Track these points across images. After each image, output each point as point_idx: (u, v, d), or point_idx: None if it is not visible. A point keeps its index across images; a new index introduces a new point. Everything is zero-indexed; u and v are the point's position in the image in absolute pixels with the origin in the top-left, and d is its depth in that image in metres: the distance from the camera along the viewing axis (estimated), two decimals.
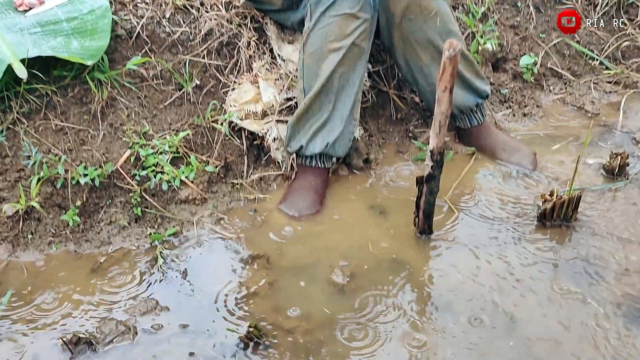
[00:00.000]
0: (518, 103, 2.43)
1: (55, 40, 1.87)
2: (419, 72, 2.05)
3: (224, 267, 1.71)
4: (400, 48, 2.02)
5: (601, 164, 2.09)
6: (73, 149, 1.85)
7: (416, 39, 1.98)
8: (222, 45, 2.13)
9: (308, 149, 1.94)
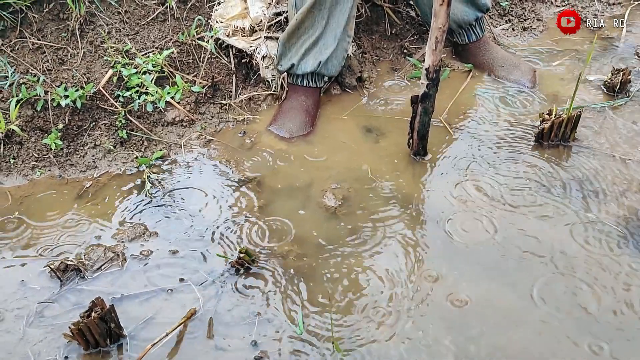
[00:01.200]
0: (518, 16, 2.33)
1: None
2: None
3: (213, 191, 1.67)
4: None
5: (602, 80, 2.02)
6: (52, 69, 1.76)
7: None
8: None
9: (299, 67, 1.86)
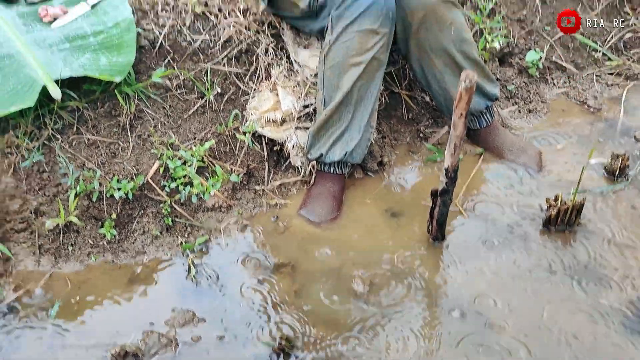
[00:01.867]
0: (524, 99, 2.52)
1: (84, 56, 1.94)
2: (432, 77, 2.14)
3: (251, 276, 1.84)
4: (415, 55, 2.10)
5: (603, 163, 2.21)
6: (105, 162, 1.95)
7: (431, 47, 2.06)
8: (241, 52, 2.20)
9: (328, 157, 2.04)
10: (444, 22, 2.02)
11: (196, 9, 2.20)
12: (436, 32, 2.03)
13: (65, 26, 2.05)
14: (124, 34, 1.99)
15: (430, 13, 1.99)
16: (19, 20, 2.06)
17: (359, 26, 1.90)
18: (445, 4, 2.00)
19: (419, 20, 2.00)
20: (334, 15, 1.93)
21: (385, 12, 1.90)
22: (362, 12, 1.88)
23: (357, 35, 1.91)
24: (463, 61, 2.09)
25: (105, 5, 2.10)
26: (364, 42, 1.92)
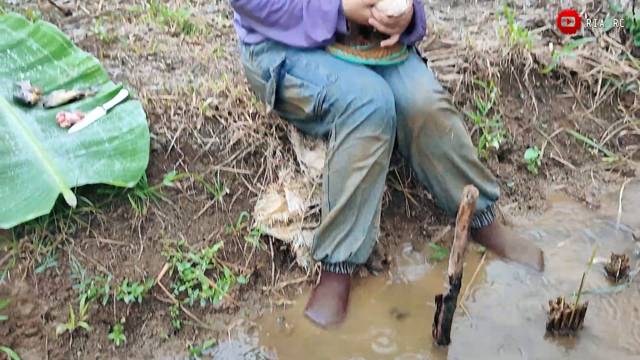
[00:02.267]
0: (523, 195, 2.59)
1: (99, 162, 2.01)
2: (434, 180, 2.20)
3: None
4: (417, 159, 2.18)
5: (603, 263, 2.25)
6: (116, 265, 1.99)
7: (432, 152, 2.14)
8: (250, 154, 2.28)
9: (333, 257, 2.09)
10: (443, 129, 2.10)
11: (207, 113, 2.29)
12: (436, 139, 2.11)
13: (81, 131, 2.13)
14: (138, 139, 2.07)
15: (429, 120, 2.08)
16: (38, 125, 2.15)
17: (361, 133, 1.98)
18: (444, 111, 2.10)
19: (419, 127, 2.09)
20: (338, 123, 2.01)
21: (387, 119, 1.98)
22: (364, 120, 1.96)
23: (359, 141, 1.99)
24: (463, 164, 2.16)
25: (120, 111, 2.20)
26: (367, 148, 1.99)
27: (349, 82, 1.99)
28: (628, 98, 2.94)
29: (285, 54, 2.11)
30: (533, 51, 2.81)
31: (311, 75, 2.05)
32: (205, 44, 2.94)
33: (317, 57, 2.08)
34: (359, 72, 2.03)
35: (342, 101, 1.98)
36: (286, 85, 2.12)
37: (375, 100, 1.95)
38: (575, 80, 2.88)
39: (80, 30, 3.05)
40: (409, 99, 2.06)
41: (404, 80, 2.10)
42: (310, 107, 2.07)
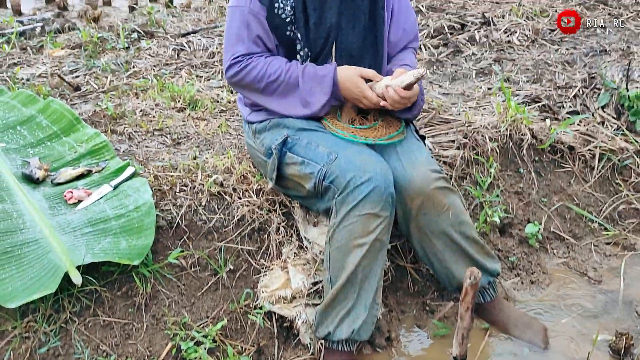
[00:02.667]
0: (525, 270, 2.60)
1: (105, 240, 2.04)
2: (433, 257, 2.22)
3: None
4: (416, 236, 2.20)
5: (607, 340, 2.24)
6: (119, 344, 1.98)
7: (431, 230, 2.16)
8: (254, 230, 2.30)
9: (335, 335, 2.08)
10: (441, 207, 2.13)
11: (212, 189, 2.33)
12: (434, 217, 2.14)
13: (88, 209, 2.17)
14: (145, 217, 2.10)
15: (427, 200, 2.12)
16: (45, 203, 2.19)
17: (360, 210, 2.01)
18: (442, 190, 2.13)
19: (418, 206, 2.12)
20: (338, 200, 2.04)
21: (386, 197, 2.02)
22: (363, 198, 2.00)
23: (359, 219, 2.01)
24: (462, 241, 2.18)
25: (127, 188, 2.24)
26: (367, 225, 2.02)
27: (348, 161, 2.04)
28: (626, 172, 2.98)
29: (287, 132, 2.17)
30: (531, 127, 2.88)
31: (312, 154, 2.10)
32: (210, 119, 3.01)
33: (318, 136, 2.13)
34: (358, 150, 2.09)
35: (342, 179, 2.02)
36: (287, 163, 2.17)
37: (373, 178, 1.99)
38: (573, 155, 2.93)
39: (88, 106, 3.13)
40: (407, 178, 2.10)
41: (401, 159, 2.15)
42: (311, 184, 2.11)
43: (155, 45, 4.12)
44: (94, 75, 3.60)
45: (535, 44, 4.07)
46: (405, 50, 2.37)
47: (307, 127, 2.17)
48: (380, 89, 2.09)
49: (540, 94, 3.27)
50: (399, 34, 2.31)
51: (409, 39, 2.35)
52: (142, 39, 4.34)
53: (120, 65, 3.74)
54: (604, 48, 3.86)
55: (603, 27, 4.33)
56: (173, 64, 3.80)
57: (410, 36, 2.35)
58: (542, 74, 3.58)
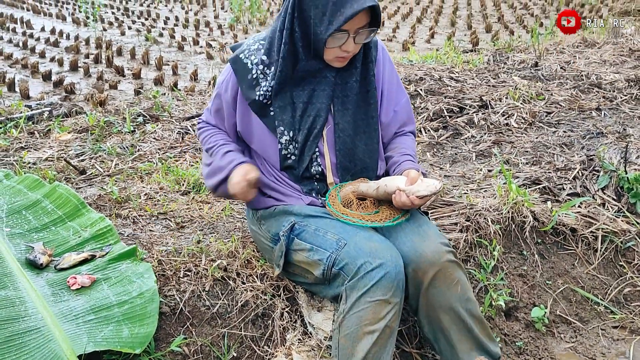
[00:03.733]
0: (533, 355, 2.55)
1: (107, 328, 2.01)
2: (439, 332, 2.18)
3: None
4: (424, 310, 2.17)
5: None
6: None
7: (440, 304, 2.14)
8: (258, 316, 2.28)
9: None
10: (451, 281, 2.13)
11: (216, 274, 2.33)
12: (444, 291, 2.12)
13: (91, 295, 2.15)
14: (148, 304, 2.09)
15: (439, 272, 2.11)
16: (48, 289, 2.18)
17: (371, 296, 2.00)
18: (452, 263, 2.13)
19: (429, 279, 2.10)
20: (348, 286, 2.04)
21: (397, 283, 2.01)
22: (374, 284, 1.99)
23: (370, 305, 2.00)
24: (468, 319, 2.16)
25: (131, 274, 2.23)
26: (377, 311, 2.00)
27: (358, 247, 2.04)
28: (629, 254, 2.98)
29: (294, 219, 2.19)
30: (532, 209, 2.90)
31: (320, 240, 2.11)
32: (214, 203, 3.04)
33: (325, 223, 2.15)
34: (367, 236, 2.09)
35: (352, 265, 2.02)
36: (295, 249, 2.17)
37: (385, 264, 2.00)
38: (575, 237, 2.94)
39: (93, 189, 3.16)
40: (418, 252, 2.10)
41: (411, 235, 2.15)
42: (320, 270, 2.11)
43: (160, 129, 4.20)
44: (100, 158, 3.66)
45: (532, 127, 4.16)
46: (404, 137, 2.42)
47: (314, 214, 2.19)
48: (365, 188, 2.17)
49: (540, 176, 3.31)
50: (390, 115, 2.36)
51: (401, 120, 2.40)
52: (147, 122, 4.43)
53: (125, 149, 3.81)
54: (600, 130, 3.94)
55: (598, 110, 4.44)
56: (178, 147, 3.86)
57: (402, 118, 2.39)
58: (541, 156, 3.64)
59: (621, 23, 7.61)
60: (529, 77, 5.35)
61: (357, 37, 2.07)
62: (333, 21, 2.00)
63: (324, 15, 2.01)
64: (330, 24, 2.00)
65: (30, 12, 15.05)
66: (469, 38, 9.96)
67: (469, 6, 15.39)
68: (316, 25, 2.04)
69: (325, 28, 2.02)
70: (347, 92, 2.25)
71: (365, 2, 1.96)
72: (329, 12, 2.00)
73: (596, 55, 6.13)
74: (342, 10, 1.97)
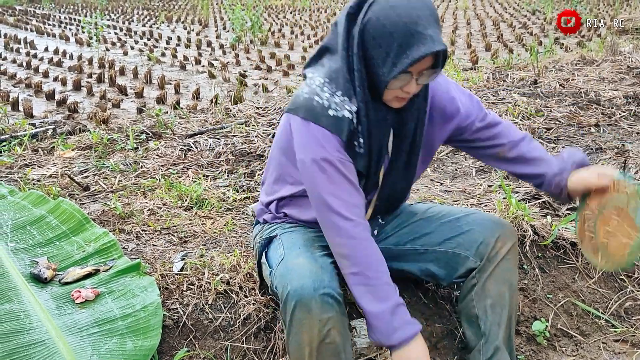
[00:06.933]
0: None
1: (111, 341, 2.03)
2: (490, 309, 2.20)
3: None
4: (488, 284, 2.19)
5: None
6: None
7: (505, 279, 2.20)
8: (260, 329, 2.30)
9: None
10: (516, 259, 2.25)
11: (218, 288, 2.35)
12: (512, 267, 2.22)
13: (95, 309, 2.17)
14: (151, 317, 2.11)
15: (514, 247, 2.21)
16: (53, 303, 2.20)
17: (299, 319, 1.87)
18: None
19: (506, 251, 2.18)
20: (281, 310, 1.94)
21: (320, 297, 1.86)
22: (294, 307, 1.86)
23: (301, 328, 1.88)
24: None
25: (135, 287, 2.25)
26: (312, 332, 1.88)
27: (286, 265, 1.96)
28: (629, 268, 2.99)
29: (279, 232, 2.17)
30: (532, 223, 2.92)
31: (273, 254, 2.08)
32: (217, 218, 3.06)
33: (295, 237, 2.13)
34: (299, 253, 2.00)
35: (280, 284, 1.93)
36: (263, 262, 2.18)
37: (298, 285, 1.86)
38: (575, 251, 2.96)
39: (97, 205, 3.19)
40: (502, 222, 2.23)
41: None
42: (270, 286, 2.09)
43: (163, 146, 4.24)
44: (103, 175, 3.69)
45: None
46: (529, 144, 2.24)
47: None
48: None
49: (539, 191, 3.33)
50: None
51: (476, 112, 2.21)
52: (150, 139, 4.47)
53: (128, 166, 3.84)
54: (599, 146, 3.97)
55: (597, 126, 4.48)
56: (180, 164, 3.90)
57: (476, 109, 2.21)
58: None
59: (618, 41, 7.69)
60: (528, 94, 5.40)
61: (419, 79, 1.88)
62: (397, 63, 1.80)
63: (388, 56, 1.81)
64: (395, 66, 1.81)
65: (34, 33, 15.19)
66: (469, 56, 10.03)
67: (469, 25, 15.52)
68: (378, 66, 1.84)
69: (389, 70, 1.82)
70: (404, 133, 2.06)
71: (434, 45, 1.78)
72: (393, 54, 1.80)
73: (595, 73, 6.18)
74: (407, 52, 1.78)
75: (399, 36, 1.78)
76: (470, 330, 2.25)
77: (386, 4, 1.80)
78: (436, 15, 1.83)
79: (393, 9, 1.79)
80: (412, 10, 1.78)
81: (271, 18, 17.95)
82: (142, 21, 17.70)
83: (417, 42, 1.77)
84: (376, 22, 1.80)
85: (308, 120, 1.91)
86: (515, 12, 18.66)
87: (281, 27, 15.85)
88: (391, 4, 1.80)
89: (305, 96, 1.94)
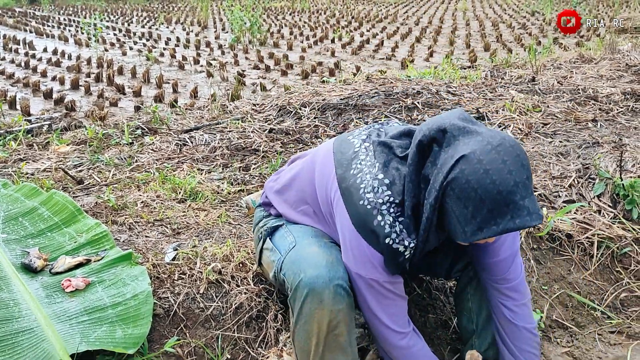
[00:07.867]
0: None
1: (101, 329, 2.01)
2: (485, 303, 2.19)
3: None
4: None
5: None
6: None
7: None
8: (252, 318, 2.28)
9: None
10: None
11: (210, 277, 2.33)
12: None
13: (85, 297, 2.16)
14: (141, 306, 2.09)
15: None
16: (43, 292, 2.18)
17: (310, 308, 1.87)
18: None
19: None
20: (290, 298, 1.92)
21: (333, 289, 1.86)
22: (306, 295, 1.86)
23: (311, 317, 1.87)
24: None
25: (125, 276, 2.23)
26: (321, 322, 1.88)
27: (299, 254, 1.94)
28: (625, 260, 2.98)
29: (284, 222, 2.15)
30: None
31: (281, 242, 2.06)
32: (210, 210, 3.05)
33: (302, 230, 2.07)
34: (310, 243, 1.98)
35: (291, 272, 1.92)
36: (265, 248, 2.13)
37: (314, 274, 1.85)
38: (571, 243, 2.94)
39: (90, 198, 3.18)
40: None
41: None
42: (272, 273, 2.05)
43: (158, 141, 4.22)
44: (98, 169, 3.67)
45: (528, 137, 4.17)
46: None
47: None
48: None
49: (536, 184, 3.32)
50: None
51: None
52: (145, 135, 4.46)
53: (123, 160, 3.83)
54: (596, 140, 3.95)
55: (594, 121, 4.46)
56: (175, 158, 3.88)
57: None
58: (537, 165, 3.65)
59: (617, 40, 7.68)
60: (525, 91, 5.38)
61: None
62: (484, 229, 1.60)
63: (474, 219, 1.60)
64: (481, 231, 1.60)
65: (33, 34, 15.18)
66: (467, 56, 10.03)
67: (468, 26, 15.51)
68: (458, 223, 1.64)
69: (472, 232, 1.62)
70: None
71: (530, 220, 1.57)
72: (480, 219, 1.59)
73: (593, 71, 6.17)
74: (498, 220, 1.58)
75: (490, 202, 1.56)
76: (464, 322, 2.24)
77: (479, 166, 1.57)
78: (531, 177, 1.61)
79: (487, 173, 1.56)
80: (508, 176, 1.56)
81: (270, 19, 17.95)
82: (141, 22, 17.70)
83: (512, 213, 1.56)
84: (465, 185, 1.58)
85: (364, 239, 1.81)
86: (514, 13, 18.68)
87: (280, 28, 15.84)
88: (485, 166, 1.57)
89: (367, 207, 1.78)
